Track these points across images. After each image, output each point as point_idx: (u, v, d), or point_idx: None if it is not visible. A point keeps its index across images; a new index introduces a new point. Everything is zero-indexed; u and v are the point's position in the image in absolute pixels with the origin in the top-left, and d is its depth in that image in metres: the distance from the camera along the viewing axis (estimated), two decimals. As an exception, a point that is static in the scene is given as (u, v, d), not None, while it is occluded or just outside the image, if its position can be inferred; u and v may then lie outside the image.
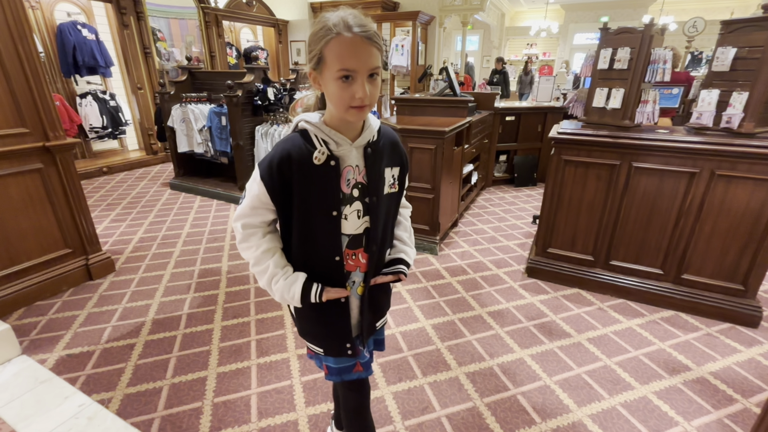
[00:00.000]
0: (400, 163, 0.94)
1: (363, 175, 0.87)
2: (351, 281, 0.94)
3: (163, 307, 2.20)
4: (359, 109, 0.76)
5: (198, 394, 1.61)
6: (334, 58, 0.72)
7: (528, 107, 4.56)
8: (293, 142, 0.82)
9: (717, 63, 1.98)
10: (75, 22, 4.59)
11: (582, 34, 10.54)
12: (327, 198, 0.83)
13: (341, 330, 0.96)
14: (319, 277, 0.89)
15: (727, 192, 1.98)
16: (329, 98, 0.78)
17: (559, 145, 2.30)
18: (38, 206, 2.18)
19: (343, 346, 0.98)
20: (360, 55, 0.72)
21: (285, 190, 0.82)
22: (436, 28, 6.85)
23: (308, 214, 0.84)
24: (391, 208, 0.95)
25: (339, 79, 0.73)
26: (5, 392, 1.59)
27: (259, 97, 3.78)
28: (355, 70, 0.72)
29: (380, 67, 0.76)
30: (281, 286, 0.87)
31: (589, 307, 2.26)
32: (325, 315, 0.94)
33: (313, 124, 0.82)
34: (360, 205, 0.87)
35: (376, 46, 0.73)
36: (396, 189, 0.94)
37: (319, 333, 0.99)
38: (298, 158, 0.80)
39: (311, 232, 0.86)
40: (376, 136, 0.88)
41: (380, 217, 0.90)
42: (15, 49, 1.97)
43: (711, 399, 1.62)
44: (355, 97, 0.74)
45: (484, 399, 1.60)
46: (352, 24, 0.71)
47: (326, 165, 0.82)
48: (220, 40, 6.32)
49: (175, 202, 4.01)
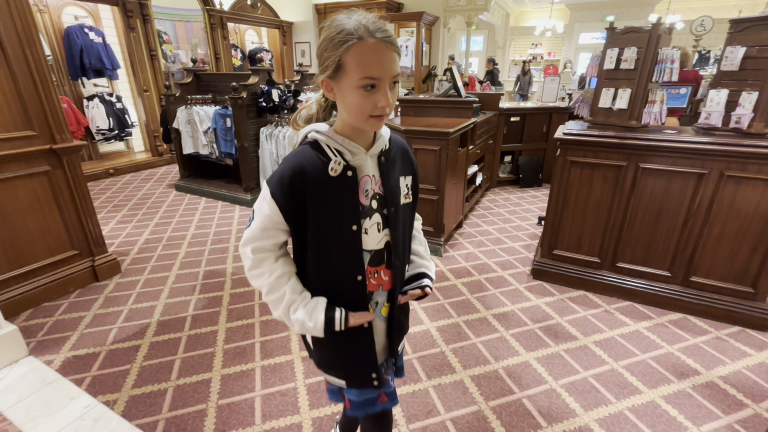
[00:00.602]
0: (412, 171, 0.90)
1: (379, 185, 0.82)
2: (374, 302, 0.87)
3: (168, 308, 2.21)
4: (379, 118, 0.72)
5: (202, 396, 1.61)
6: (356, 65, 0.68)
7: (533, 107, 4.53)
8: (304, 154, 0.77)
9: (726, 62, 1.95)
10: (82, 26, 4.64)
11: (587, 33, 10.47)
12: (346, 211, 0.78)
13: (366, 358, 0.88)
14: (338, 301, 0.82)
15: (736, 193, 1.95)
16: (346, 107, 0.73)
17: (564, 146, 2.28)
18: (45, 208, 2.20)
19: (368, 376, 0.90)
20: (384, 61, 0.68)
21: (299, 207, 0.76)
22: (440, 28, 6.84)
23: (325, 231, 0.78)
24: (407, 219, 0.90)
25: (361, 87, 0.69)
26: (12, 393, 1.60)
27: (263, 98, 3.79)
28: (380, 77, 0.68)
29: (399, 73, 0.73)
30: (301, 315, 0.79)
31: (596, 309, 2.24)
32: (347, 342, 0.86)
33: (324, 134, 0.77)
34: (379, 217, 0.82)
35: (396, 51, 0.70)
36: (410, 199, 0.89)
37: (341, 363, 0.91)
38: (312, 171, 0.75)
39: (329, 250, 0.80)
40: (388, 145, 0.84)
41: (399, 229, 0.85)
42: (23, 53, 1.99)
43: (720, 404, 1.59)
44: (377, 106, 0.70)
45: (489, 402, 1.59)
46: (373, 29, 0.67)
47: (343, 176, 0.77)
48: (225, 42, 6.36)
49: (180, 203, 4.03)
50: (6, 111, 1.98)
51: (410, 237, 0.94)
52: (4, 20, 1.91)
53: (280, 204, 0.76)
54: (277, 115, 3.88)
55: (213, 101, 4.22)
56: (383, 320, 0.90)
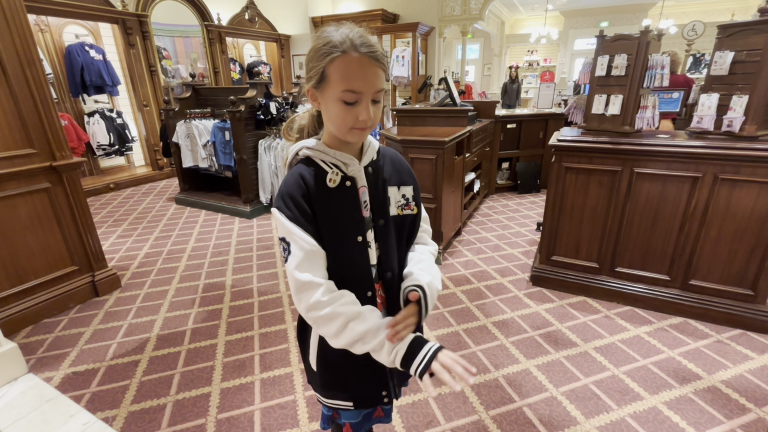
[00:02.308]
0: (411, 181, 0.87)
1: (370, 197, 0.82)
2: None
3: (167, 322, 2.21)
4: (361, 130, 0.72)
5: (202, 411, 1.60)
6: (338, 77, 0.68)
7: (529, 114, 4.57)
8: (301, 171, 0.76)
9: (715, 67, 1.98)
10: (83, 44, 4.72)
11: (582, 39, 10.58)
12: (350, 222, 0.77)
13: (378, 377, 0.86)
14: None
15: (731, 196, 1.96)
16: (329, 118, 0.74)
17: (559, 153, 2.30)
18: (46, 225, 2.22)
19: (378, 395, 0.87)
20: (367, 76, 0.68)
21: (311, 219, 0.74)
22: (435, 38, 6.93)
23: (334, 245, 0.76)
24: (403, 232, 0.85)
25: (342, 100, 0.69)
26: (12, 411, 1.60)
27: (261, 111, 3.83)
28: (361, 91, 0.68)
29: (384, 89, 0.73)
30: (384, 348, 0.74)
31: (596, 315, 2.23)
32: (357, 363, 0.82)
33: (315, 149, 0.77)
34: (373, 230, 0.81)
35: (381, 67, 0.70)
36: (413, 210, 0.86)
37: (349, 384, 0.87)
38: (312, 183, 0.75)
39: (340, 266, 0.77)
40: (375, 157, 0.83)
41: (390, 242, 0.83)
42: (23, 73, 2.03)
43: (723, 408, 1.58)
44: (358, 120, 0.70)
45: (489, 411, 1.58)
46: (358, 43, 0.67)
47: (342, 186, 0.76)
48: (224, 56, 6.44)
49: (180, 216, 4.05)
50: (6, 129, 2.01)
51: (405, 252, 0.88)
52: (4, 41, 1.95)
53: (292, 217, 0.73)
54: (275, 127, 3.92)
55: (212, 115, 4.27)
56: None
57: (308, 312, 0.74)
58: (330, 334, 0.75)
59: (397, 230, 0.84)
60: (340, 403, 0.89)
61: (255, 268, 2.85)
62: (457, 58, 10.26)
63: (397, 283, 0.85)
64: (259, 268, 2.85)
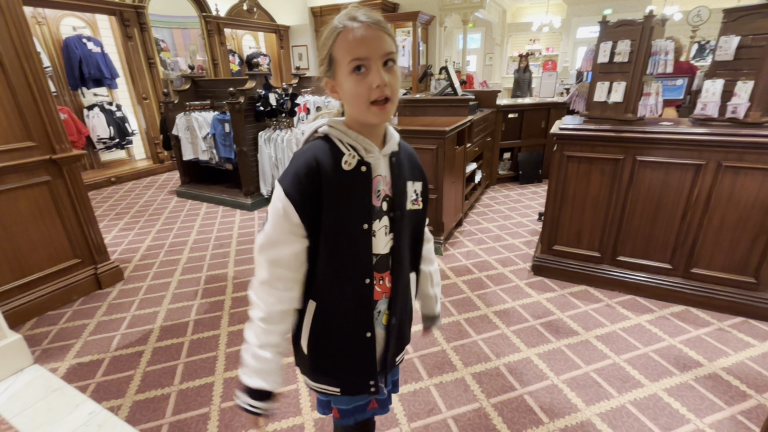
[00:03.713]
0: (421, 177, 0.87)
1: (389, 187, 0.80)
2: (377, 311, 0.84)
3: (170, 314, 2.23)
4: (381, 106, 0.68)
5: (205, 400, 1.62)
6: (343, 52, 0.67)
7: (531, 103, 4.52)
8: (317, 147, 0.74)
9: (720, 52, 1.95)
10: (80, 36, 4.68)
11: (585, 27, 10.42)
12: (358, 208, 0.75)
13: (366, 366, 0.86)
14: (344, 308, 0.81)
15: (735, 183, 1.94)
16: (347, 101, 0.72)
17: (561, 141, 2.28)
18: (47, 218, 2.23)
19: (365, 384, 0.87)
20: (370, 40, 0.66)
21: (315, 204, 0.72)
22: (436, 27, 6.84)
23: (337, 229, 0.75)
24: (414, 226, 0.87)
25: (352, 72, 0.67)
26: (18, 401, 1.62)
27: (261, 103, 3.81)
28: (367, 56, 0.66)
29: (395, 53, 0.69)
30: (258, 363, 0.78)
31: (597, 304, 2.23)
32: (348, 349, 0.84)
33: (337, 128, 0.75)
34: (387, 220, 0.80)
35: (385, 31, 0.68)
36: (420, 206, 0.86)
37: (338, 370, 0.87)
38: (326, 163, 0.72)
39: (339, 251, 0.76)
40: (397, 149, 0.82)
41: (403, 235, 0.83)
42: (20, 66, 2.02)
43: (724, 395, 1.58)
44: (372, 88, 0.67)
45: (490, 399, 1.59)
46: (356, 15, 0.67)
47: (357, 171, 0.74)
48: (223, 47, 6.39)
49: (181, 209, 4.06)
50: (5, 123, 2.01)
51: (416, 246, 0.91)
52: (1, 35, 1.93)
53: (295, 202, 0.71)
54: (274, 119, 3.90)
55: (211, 107, 4.25)
56: (383, 328, 0.87)
57: (256, 286, 0.78)
58: (253, 315, 0.79)
59: (409, 225, 0.85)
60: (328, 388, 0.89)
61: (257, 260, 2.85)
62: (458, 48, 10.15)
63: (404, 280, 0.88)
64: (260, 260, 2.85)
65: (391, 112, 0.71)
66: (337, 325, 0.82)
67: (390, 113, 0.71)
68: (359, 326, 0.82)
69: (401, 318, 0.89)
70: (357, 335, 0.82)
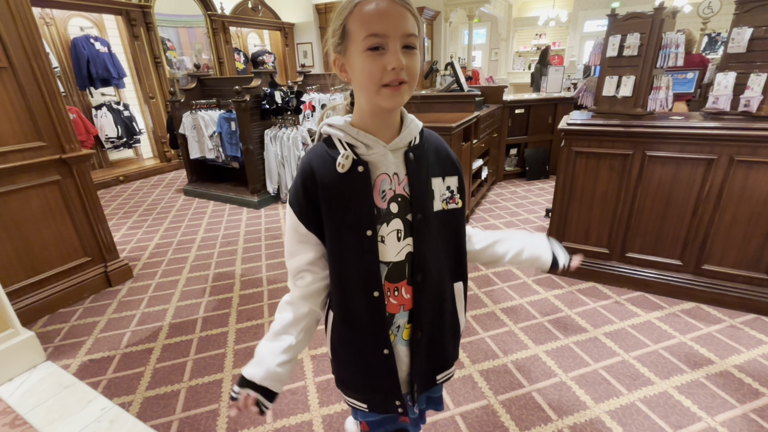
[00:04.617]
0: (455, 171, 0.77)
1: (404, 186, 0.71)
2: (395, 326, 0.77)
3: (179, 311, 2.25)
4: (394, 89, 0.61)
5: (214, 396, 1.64)
6: (359, 25, 0.59)
7: (537, 99, 4.48)
8: (314, 152, 0.71)
9: (733, 44, 1.91)
10: (88, 36, 4.72)
11: (593, 21, 10.29)
12: (358, 213, 0.69)
13: (387, 385, 0.79)
14: (358, 321, 0.75)
15: (747, 178, 1.91)
16: (357, 82, 0.64)
17: (569, 137, 2.26)
18: (58, 216, 2.26)
19: (391, 403, 0.81)
20: (391, 16, 0.58)
21: (314, 212, 0.69)
22: (441, 22, 6.80)
23: (338, 237, 0.70)
24: (452, 228, 0.77)
25: (367, 49, 0.59)
26: (32, 397, 1.65)
27: (266, 101, 3.82)
28: (386, 34, 0.58)
29: (417, 36, 0.61)
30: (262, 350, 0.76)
31: (606, 300, 2.21)
32: (366, 367, 0.79)
33: (336, 127, 0.69)
34: (400, 223, 0.71)
35: (408, 8, 0.60)
36: (458, 204, 0.77)
37: (361, 386, 0.83)
38: (320, 169, 0.68)
39: (343, 260, 0.71)
40: (418, 139, 0.73)
41: (428, 240, 0.73)
42: (30, 66, 2.04)
43: (735, 393, 1.56)
44: (387, 70, 0.59)
45: (498, 397, 1.59)
46: None
47: (353, 172, 0.68)
48: (228, 46, 6.41)
49: (189, 207, 4.09)
50: (16, 123, 2.03)
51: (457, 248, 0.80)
52: (11, 36, 1.95)
53: (296, 210, 0.70)
54: (280, 116, 3.91)
55: (217, 105, 4.27)
56: (405, 345, 0.79)
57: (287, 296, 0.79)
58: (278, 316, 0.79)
59: (443, 227, 0.76)
60: (356, 403, 0.85)
61: (264, 258, 2.87)
62: (463, 43, 10.08)
63: (434, 290, 0.77)
64: (267, 258, 2.87)
65: (406, 96, 0.64)
66: (353, 340, 0.78)
67: (404, 97, 0.64)
68: (375, 342, 0.76)
69: (433, 333, 0.80)
70: (374, 352, 0.76)
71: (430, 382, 0.85)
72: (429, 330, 0.79)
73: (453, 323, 0.84)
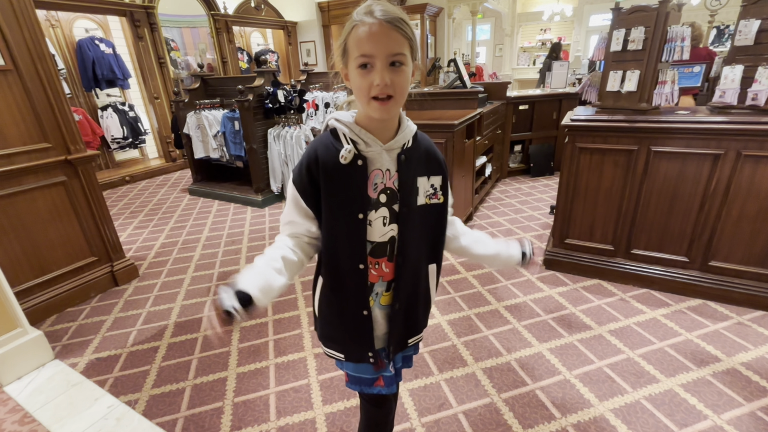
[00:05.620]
0: (440, 171, 0.88)
1: (394, 181, 0.82)
2: (374, 293, 0.90)
3: (184, 310, 2.27)
4: (381, 102, 0.72)
5: (219, 395, 1.65)
6: (354, 45, 0.71)
7: (541, 95, 4.44)
8: (321, 141, 0.81)
9: (740, 37, 1.87)
10: (93, 38, 4.76)
11: (598, 15, 10.16)
12: (353, 199, 0.80)
13: (365, 339, 0.91)
14: (344, 287, 0.88)
15: (755, 173, 1.88)
16: (354, 92, 0.76)
17: (572, 133, 2.24)
18: (64, 217, 2.28)
19: (364, 354, 0.93)
20: (378, 39, 0.68)
21: (315, 191, 0.80)
22: (444, 19, 6.75)
23: (334, 217, 0.81)
24: (433, 220, 0.89)
25: (359, 67, 0.71)
26: (40, 395, 1.68)
27: (269, 100, 3.82)
28: (372, 55, 0.69)
29: (406, 55, 0.71)
30: (258, 266, 0.81)
31: (610, 298, 2.20)
32: (348, 323, 0.91)
33: (342, 122, 0.80)
34: (386, 211, 0.83)
35: (400, 32, 0.69)
36: (440, 200, 0.88)
37: (339, 337, 0.95)
38: (324, 157, 0.79)
39: (336, 236, 0.83)
40: (411, 142, 0.83)
41: (411, 229, 0.85)
42: (35, 68, 2.06)
43: (742, 391, 1.55)
44: (372, 85, 0.70)
45: (501, 394, 1.58)
46: (374, 10, 0.69)
47: (353, 164, 0.79)
48: (231, 45, 6.42)
49: (194, 207, 4.12)
50: (22, 125, 2.06)
51: (436, 237, 0.92)
52: (15, 39, 1.97)
53: (298, 187, 0.81)
54: (283, 115, 3.91)
55: (221, 105, 4.28)
56: (382, 308, 0.92)
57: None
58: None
59: (423, 219, 0.87)
60: (334, 353, 0.97)
61: (268, 256, 2.88)
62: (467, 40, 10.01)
63: (412, 270, 0.90)
64: (271, 256, 2.88)
65: (393, 109, 0.75)
66: (339, 301, 0.91)
67: (391, 110, 0.74)
68: (357, 305, 0.89)
69: (408, 305, 0.93)
70: (355, 312, 0.89)
71: (404, 344, 0.99)
72: (405, 302, 0.92)
73: (425, 298, 0.98)
